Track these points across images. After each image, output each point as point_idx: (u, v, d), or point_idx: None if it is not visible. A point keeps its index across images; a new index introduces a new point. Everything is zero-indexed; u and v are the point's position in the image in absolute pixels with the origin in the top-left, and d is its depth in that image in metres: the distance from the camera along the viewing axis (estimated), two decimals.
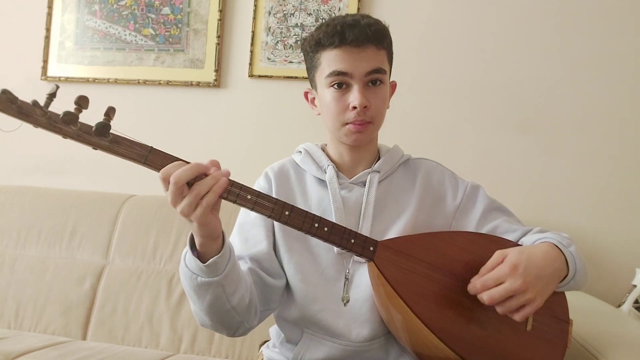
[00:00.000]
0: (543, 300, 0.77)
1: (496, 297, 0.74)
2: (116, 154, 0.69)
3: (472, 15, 1.72)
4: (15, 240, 1.71)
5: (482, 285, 0.76)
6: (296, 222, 0.76)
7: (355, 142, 0.93)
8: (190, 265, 0.75)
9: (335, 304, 0.89)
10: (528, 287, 0.74)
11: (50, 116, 0.66)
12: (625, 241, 1.61)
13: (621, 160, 1.63)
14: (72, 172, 1.92)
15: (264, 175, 1.00)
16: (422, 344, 0.80)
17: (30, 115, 0.65)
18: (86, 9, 1.94)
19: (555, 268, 0.80)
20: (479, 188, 0.99)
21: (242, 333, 0.87)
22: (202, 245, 0.74)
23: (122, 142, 0.69)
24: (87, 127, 0.68)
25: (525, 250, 0.79)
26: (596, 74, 1.65)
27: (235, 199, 0.73)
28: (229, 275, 0.76)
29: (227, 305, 0.78)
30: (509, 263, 0.76)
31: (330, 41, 0.88)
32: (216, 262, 0.73)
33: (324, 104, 0.93)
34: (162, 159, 0.70)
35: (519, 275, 0.74)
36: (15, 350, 1.35)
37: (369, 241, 0.81)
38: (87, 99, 0.66)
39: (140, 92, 1.92)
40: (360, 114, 0.88)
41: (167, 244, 1.62)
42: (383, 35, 0.91)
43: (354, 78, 0.88)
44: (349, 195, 0.94)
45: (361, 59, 0.88)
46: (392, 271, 0.79)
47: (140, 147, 0.70)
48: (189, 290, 0.78)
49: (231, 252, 0.77)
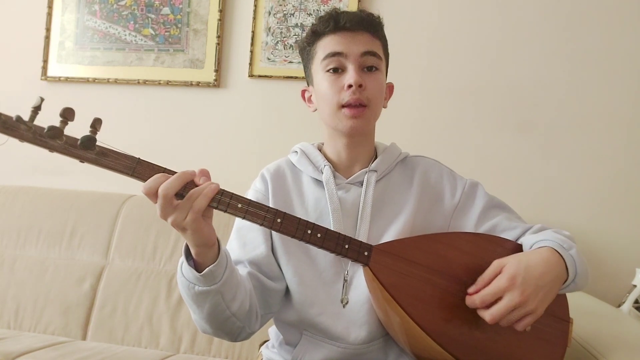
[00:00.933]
0: (544, 308, 0.76)
1: (497, 317, 0.73)
2: (104, 166, 0.68)
3: (472, 15, 1.72)
4: (15, 240, 1.71)
5: (481, 301, 0.75)
6: (289, 229, 0.75)
7: (351, 130, 0.90)
8: (187, 274, 0.74)
9: (333, 307, 0.89)
10: (528, 299, 0.73)
11: (35, 130, 0.65)
12: (625, 241, 1.61)
13: (621, 161, 1.63)
14: (72, 172, 1.92)
15: (260, 176, 0.99)
16: (421, 347, 0.80)
17: (14, 130, 0.64)
18: (86, 9, 1.94)
19: (555, 275, 0.79)
20: (477, 185, 0.98)
21: (244, 338, 0.86)
22: (197, 255, 0.73)
23: (109, 154, 0.68)
24: (73, 140, 0.67)
25: (523, 259, 0.78)
26: (597, 75, 1.65)
27: (226, 208, 0.71)
28: (227, 283, 0.75)
29: (226, 312, 0.77)
30: (507, 275, 0.75)
31: (325, 25, 0.90)
32: (212, 271, 0.72)
33: (320, 91, 0.92)
34: (150, 170, 0.69)
35: (518, 287, 0.73)
36: (15, 351, 1.35)
37: (363, 246, 0.79)
38: (72, 111, 0.65)
39: (140, 92, 1.91)
40: (356, 92, 0.87)
41: (167, 244, 1.62)
42: (377, 25, 0.93)
43: (348, 58, 0.89)
44: (346, 196, 0.93)
45: (356, 41, 0.89)
46: (388, 275, 0.78)
47: (127, 159, 0.69)
48: (187, 299, 0.77)
49: (228, 260, 0.76)
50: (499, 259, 0.79)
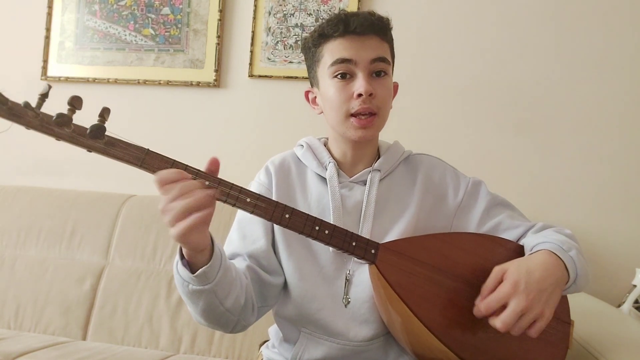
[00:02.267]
0: (552, 310, 0.76)
1: (508, 322, 0.73)
2: (112, 156, 0.67)
3: (471, 14, 1.72)
4: (15, 240, 1.71)
5: (487, 308, 0.75)
6: (297, 225, 0.75)
7: (360, 139, 0.90)
8: (182, 273, 0.74)
9: (333, 303, 0.89)
10: (533, 302, 0.74)
11: (42, 118, 0.63)
12: (625, 241, 1.60)
13: (621, 160, 1.63)
14: (72, 172, 1.92)
15: (264, 169, 0.99)
16: (424, 346, 0.80)
17: (21, 116, 0.63)
18: (86, 9, 1.94)
19: (556, 277, 0.79)
20: (480, 184, 0.98)
21: (239, 330, 0.87)
22: (188, 256, 0.72)
23: (118, 144, 0.67)
24: (82, 129, 0.66)
25: (523, 264, 0.78)
26: (595, 74, 1.65)
27: (235, 202, 0.71)
28: (220, 283, 0.75)
29: (220, 308, 0.78)
30: (510, 281, 0.75)
31: (334, 29, 0.87)
32: (205, 272, 0.72)
33: (327, 97, 0.91)
34: (159, 161, 0.69)
35: (522, 292, 0.74)
36: (15, 351, 1.35)
37: (370, 244, 0.80)
38: (80, 99, 0.63)
39: (140, 92, 1.91)
40: (366, 102, 0.86)
41: (167, 244, 1.62)
42: (386, 28, 0.91)
43: (358, 66, 0.87)
44: (349, 194, 0.93)
45: (365, 47, 0.87)
46: (394, 274, 0.79)
47: (136, 150, 0.68)
48: (183, 296, 0.78)
49: (222, 259, 0.75)
50: (499, 265, 0.79)
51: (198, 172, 0.70)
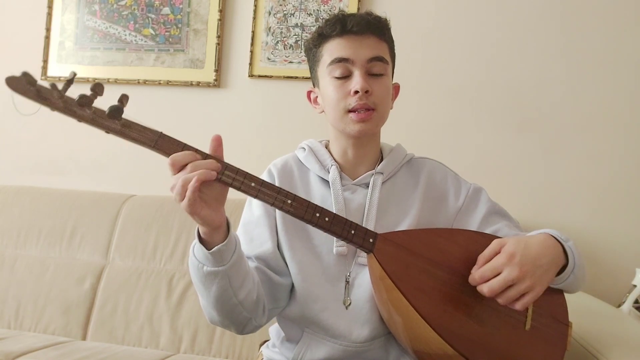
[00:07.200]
0: (543, 288, 0.77)
1: (496, 288, 0.74)
2: (127, 137, 0.71)
3: (474, 15, 1.72)
4: (15, 240, 1.71)
5: (481, 276, 0.76)
6: (298, 211, 0.77)
7: (359, 133, 0.91)
8: (198, 254, 0.76)
9: (336, 304, 0.89)
10: (526, 275, 0.74)
11: (66, 99, 0.68)
12: (625, 241, 1.61)
13: (622, 161, 1.63)
14: (72, 172, 1.92)
15: (267, 171, 1.00)
16: (422, 341, 0.80)
17: (48, 98, 0.67)
18: (86, 9, 1.94)
19: (552, 256, 0.80)
20: (481, 191, 0.99)
21: (250, 330, 0.88)
22: (205, 234, 0.75)
23: (134, 126, 0.71)
24: (101, 111, 0.70)
25: (522, 240, 0.80)
26: (597, 75, 1.65)
27: (240, 185, 0.74)
28: (235, 267, 0.77)
29: (233, 300, 0.79)
30: (506, 252, 0.76)
31: (332, 29, 0.89)
32: (221, 251, 0.74)
33: (326, 95, 0.92)
34: (172, 145, 0.73)
35: (516, 263, 0.75)
36: (15, 350, 1.35)
37: (369, 233, 0.81)
38: (102, 86, 0.69)
39: (140, 92, 1.91)
40: (362, 98, 0.88)
41: (167, 244, 1.62)
42: (384, 27, 0.92)
43: (355, 64, 0.89)
44: (352, 197, 0.93)
45: (362, 46, 0.89)
46: (392, 265, 0.80)
47: (150, 132, 0.72)
48: (196, 282, 0.80)
49: (237, 244, 0.78)
50: (499, 238, 0.81)
51: (207, 156, 0.74)
